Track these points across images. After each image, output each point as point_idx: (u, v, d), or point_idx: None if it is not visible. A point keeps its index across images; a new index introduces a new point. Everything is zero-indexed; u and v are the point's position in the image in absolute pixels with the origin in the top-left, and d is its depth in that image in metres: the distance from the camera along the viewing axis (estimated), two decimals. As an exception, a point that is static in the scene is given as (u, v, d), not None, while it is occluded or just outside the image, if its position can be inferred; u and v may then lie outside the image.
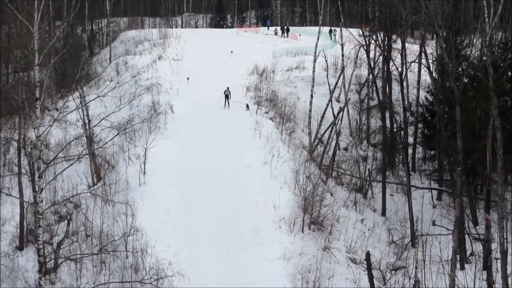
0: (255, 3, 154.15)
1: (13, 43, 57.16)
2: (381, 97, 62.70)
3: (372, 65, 65.27)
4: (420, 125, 65.99)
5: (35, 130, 33.58)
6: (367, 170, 59.35)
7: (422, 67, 67.10)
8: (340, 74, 68.54)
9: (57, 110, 65.10)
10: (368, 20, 71.98)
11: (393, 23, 60.96)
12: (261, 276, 39.75)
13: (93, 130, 50.54)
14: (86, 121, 51.25)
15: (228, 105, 62.70)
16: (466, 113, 54.23)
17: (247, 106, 62.19)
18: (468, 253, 48.30)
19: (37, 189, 33.28)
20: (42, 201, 33.42)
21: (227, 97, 62.94)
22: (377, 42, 63.60)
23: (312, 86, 62.05)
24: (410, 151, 62.09)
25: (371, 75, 66.44)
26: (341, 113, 59.90)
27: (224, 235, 43.66)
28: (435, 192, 59.20)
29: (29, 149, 40.53)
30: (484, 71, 48.73)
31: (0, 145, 53.70)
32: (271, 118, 60.62)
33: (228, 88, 63.00)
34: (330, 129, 58.92)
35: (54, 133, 55.08)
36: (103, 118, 44.36)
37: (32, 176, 34.96)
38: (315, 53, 63.25)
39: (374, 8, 69.37)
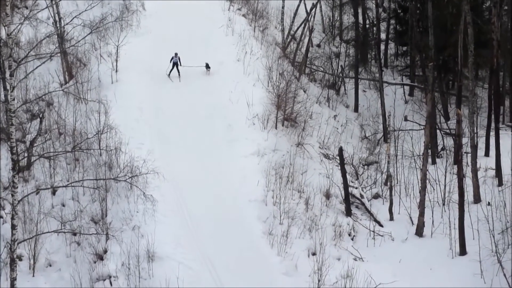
0: None
1: None
2: (353, -7, 62.29)
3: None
4: (392, 21, 65.83)
5: (5, 28, 33.11)
6: (339, 67, 59.44)
7: (394, -39, 66.55)
8: (313, -31, 67.75)
9: (27, 8, 64.03)
10: None
11: None
12: (235, 172, 40.21)
13: (64, 28, 49.89)
14: (57, 19, 50.57)
15: (178, 74, 50.30)
16: (438, 8, 54.16)
17: (207, 66, 51.12)
18: (439, 147, 48.99)
19: (8, 88, 32.99)
20: (14, 99, 33.12)
21: (175, 65, 50.32)
22: None
23: (285, -19, 61.40)
24: (382, 47, 62.04)
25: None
26: (314, 10, 59.36)
27: (198, 132, 43.87)
28: (407, 88, 59.57)
29: (-1, 48, 40.01)
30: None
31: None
32: (243, 15, 60.01)
33: (176, 54, 50.29)
34: (303, 25, 58.53)
35: (24, 31, 54.22)
36: (75, 17, 43.85)
37: (3, 75, 34.63)
38: None
39: None
